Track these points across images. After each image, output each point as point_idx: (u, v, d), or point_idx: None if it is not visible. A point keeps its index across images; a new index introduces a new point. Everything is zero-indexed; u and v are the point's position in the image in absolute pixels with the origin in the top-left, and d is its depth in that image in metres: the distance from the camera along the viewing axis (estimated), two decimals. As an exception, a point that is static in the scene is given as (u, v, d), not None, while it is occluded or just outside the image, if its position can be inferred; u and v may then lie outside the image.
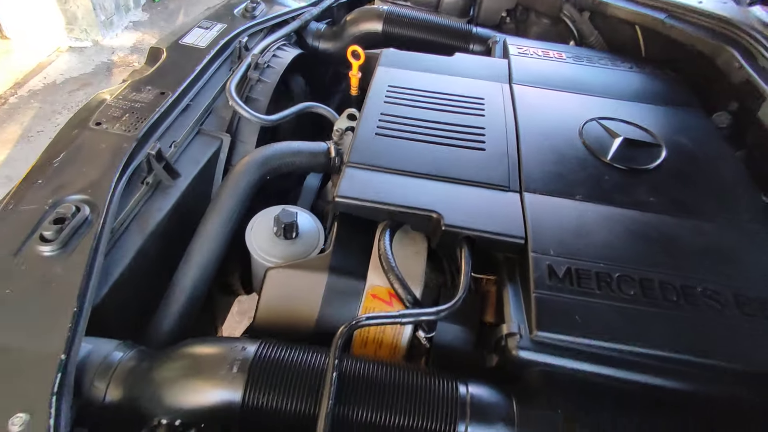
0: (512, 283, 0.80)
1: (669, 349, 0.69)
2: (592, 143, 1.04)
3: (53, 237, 0.78)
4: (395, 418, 0.65)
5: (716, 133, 1.12)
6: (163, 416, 0.68)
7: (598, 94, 1.21)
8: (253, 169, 1.04)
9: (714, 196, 0.94)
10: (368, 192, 0.88)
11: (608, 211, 0.89)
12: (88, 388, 0.70)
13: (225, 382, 0.66)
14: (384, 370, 0.69)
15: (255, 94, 1.25)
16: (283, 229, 0.92)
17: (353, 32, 1.62)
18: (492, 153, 1.00)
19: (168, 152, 1.02)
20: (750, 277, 0.79)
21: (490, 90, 1.19)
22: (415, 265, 0.86)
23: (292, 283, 0.83)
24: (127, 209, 0.91)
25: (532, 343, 0.70)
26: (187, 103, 1.12)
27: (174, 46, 1.23)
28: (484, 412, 0.66)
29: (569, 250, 0.80)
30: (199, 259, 0.95)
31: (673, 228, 0.86)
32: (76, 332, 0.70)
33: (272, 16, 1.46)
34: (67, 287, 0.74)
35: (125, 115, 1.00)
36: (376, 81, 1.18)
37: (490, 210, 0.87)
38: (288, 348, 0.70)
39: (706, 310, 0.74)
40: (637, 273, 0.78)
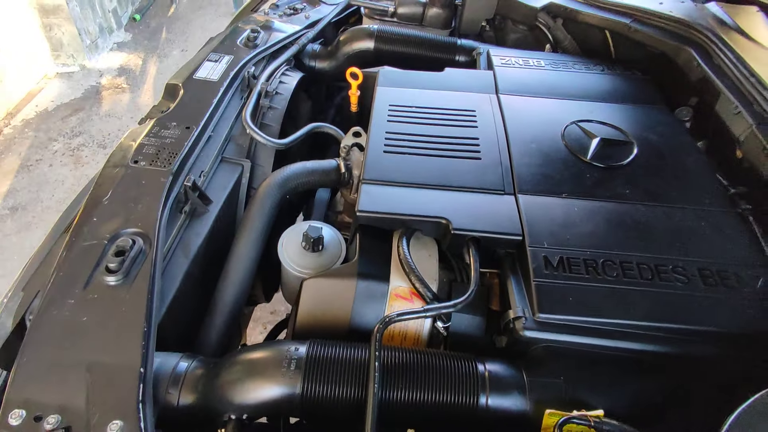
0: (514, 274, 0.94)
1: (648, 319, 0.83)
2: (573, 145, 1.18)
3: (117, 268, 0.89)
4: (428, 395, 0.79)
5: (680, 127, 1.27)
6: (232, 413, 0.81)
7: (575, 98, 1.36)
8: (275, 191, 1.17)
9: (680, 185, 1.09)
10: (384, 205, 1.01)
11: (591, 204, 1.03)
12: (163, 395, 0.83)
13: (285, 379, 0.79)
14: (414, 356, 0.82)
15: (268, 121, 1.37)
16: (312, 243, 1.05)
17: (347, 51, 1.74)
18: (487, 161, 1.13)
19: (199, 182, 1.13)
20: (710, 253, 0.93)
21: (479, 102, 1.32)
22: (429, 265, 0.99)
23: (326, 290, 0.96)
24: (172, 237, 1.03)
25: (535, 324, 0.84)
26: (209, 134, 1.23)
27: (189, 82, 1.34)
28: (501, 383, 0.80)
29: (560, 242, 0.94)
30: (236, 277, 1.07)
31: (646, 215, 1.01)
32: (148, 348, 0.82)
33: (273, 43, 1.57)
34: (135, 310, 0.86)
35: (158, 151, 1.12)
36: (378, 101, 1.31)
37: (491, 212, 1.01)
38: (333, 345, 0.83)
39: (676, 284, 0.88)
40: (617, 257, 0.92)
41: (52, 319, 0.84)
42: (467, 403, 0.79)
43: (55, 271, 0.90)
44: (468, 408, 0.79)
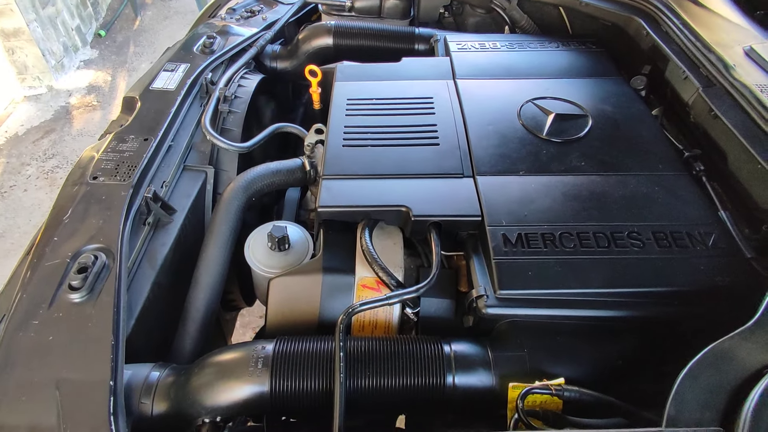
0: (476, 254, 0.95)
1: (606, 286, 0.85)
2: (530, 123, 1.20)
3: (80, 285, 0.89)
4: (396, 380, 0.80)
5: (634, 96, 1.29)
6: (205, 416, 0.82)
7: (531, 77, 1.37)
8: (239, 195, 1.17)
9: (634, 153, 1.11)
10: (345, 199, 1.02)
11: (547, 180, 1.05)
12: (136, 406, 0.83)
13: (253, 378, 0.80)
14: (380, 343, 0.84)
15: (228, 125, 1.37)
16: (277, 242, 1.05)
17: (307, 49, 1.74)
18: (445, 146, 1.15)
19: (161, 192, 1.13)
20: (664, 216, 0.96)
21: (437, 89, 1.33)
22: (394, 254, 1.00)
23: (293, 287, 0.96)
24: (136, 249, 1.03)
25: (497, 301, 0.86)
26: (169, 144, 1.23)
27: (146, 93, 1.33)
28: (466, 362, 0.82)
29: (518, 219, 0.96)
30: (206, 282, 1.08)
31: (601, 185, 1.03)
32: (117, 361, 0.82)
33: (230, 47, 1.57)
34: (102, 325, 0.86)
35: (117, 165, 1.11)
36: (336, 96, 1.31)
37: (450, 196, 1.02)
38: (300, 340, 0.84)
39: (632, 250, 0.90)
40: (574, 228, 0.94)
41: (18, 342, 0.84)
42: (435, 384, 0.80)
43: (19, 293, 0.90)
44: (436, 389, 0.80)
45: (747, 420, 0.59)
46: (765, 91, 1.09)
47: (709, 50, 1.19)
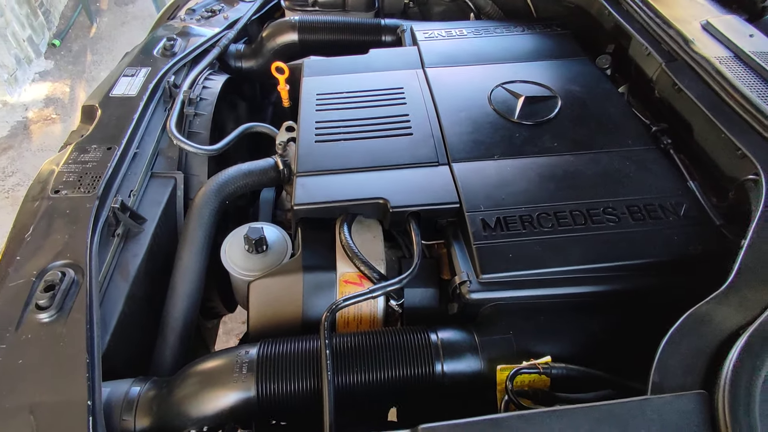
0: (456, 241, 0.95)
1: (585, 262, 0.87)
2: (501, 107, 1.20)
3: (48, 304, 0.85)
4: (385, 373, 0.79)
5: (600, 75, 1.31)
6: (191, 427, 0.79)
7: (499, 62, 1.37)
8: (211, 199, 1.14)
9: (604, 130, 1.13)
10: (321, 195, 1.00)
11: (522, 162, 1.05)
12: (117, 423, 0.80)
13: (239, 384, 0.78)
14: (366, 337, 0.83)
15: (195, 128, 1.33)
16: (254, 244, 1.03)
17: (272, 47, 1.70)
18: (419, 135, 1.14)
19: (129, 202, 1.09)
20: (637, 190, 0.98)
21: (406, 78, 1.32)
22: (374, 247, 0.99)
23: (273, 289, 0.94)
24: (107, 262, 0.99)
25: (480, 285, 0.86)
26: (134, 151, 1.18)
27: (106, 101, 1.28)
28: (454, 348, 0.82)
29: (496, 203, 0.96)
30: (183, 290, 1.05)
31: (575, 164, 1.04)
32: (94, 379, 0.79)
33: (191, 48, 1.52)
34: (75, 343, 0.82)
35: (80, 177, 1.06)
36: (305, 92, 1.29)
37: (427, 185, 1.02)
38: (284, 341, 0.82)
39: (608, 225, 0.92)
40: (551, 208, 0.95)
41: (-14, 368, 0.79)
42: (424, 373, 0.80)
43: (-18, 318, 0.85)
44: (425, 377, 0.80)
45: (727, 380, 0.60)
46: (724, 63, 1.12)
47: (668, 26, 1.22)
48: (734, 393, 0.59)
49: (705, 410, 0.60)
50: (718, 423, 0.58)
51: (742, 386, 0.59)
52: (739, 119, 0.99)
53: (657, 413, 0.60)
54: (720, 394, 0.60)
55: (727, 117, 1.00)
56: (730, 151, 0.97)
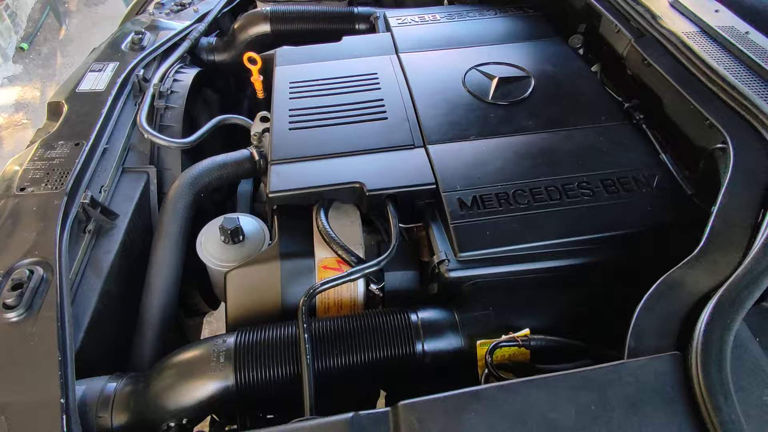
0: (434, 222, 0.95)
1: (561, 236, 0.87)
2: (475, 89, 1.20)
3: (16, 303, 0.82)
4: (366, 355, 0.79)
5: (573, 54, 1.32)
6: (170, 420, 0.78)
7: (473, 45, 1.37)
8: (186, 192, 1.12)
9: (578, 107, 1.13)
10: (296, 181, 0.99)
11: (497, 142, 1.05)
12: (93, 421, 0.78)
13: (216, 373, 0.76)
14: (345, 321, 0.82)
15: (167, 122, 1.30)
16: (230, 235, 1.01)
17: (244, 38, 1.68)
18: (394, 119, 1.13)
19: (100, 197, 1.06)
20: (610, 164, 0.99)
21: (380, 64, 1.31)
22: (352, 231, 0.99)
23: (251, 278, 0.93)
24: (78, 259, 0.96)
25: (458, 264, 0.86)
26: (104, 147, 1.15)
27: (73, 96, 1.24)
28: (434, 327, 0.82)
29: (472, 182, 0.96)
30: (159, 285, 1.03)
31: (549, 142, 1.04)
32: (67, 376, 0.77)
33: (161, 42, 1.49)
34: (46, 342, 0.80)
35: (47, 173, 1.03)
36: (278, 81, 1.27)
37: (403, 168, 1.01)
38: (262, 329, 0.81)
39: (583, 199, 0.92)
40: (527, 185, 0.95)
41: (-48, 372, 0.76)
42: (405, 353, 0.80)
43: (-53, 321, 0.82)
44: (406, 357, 0.80)
45: (699, 340, 0.61)
46: (691, 38, 1.14)
47: (637, 3, 1.23)
48: (706, 351, 0.59)
49: (679, 370, 0.61)
50: (692, 381, 0.59)
51: (713, 345, 0.60)
52: (707, 90, 1.00)
53: (633, 376, 0.61)
54: (693, 354, 0.60)
55: (694, 89, 1.02)
56: (699, 121, 0.98)
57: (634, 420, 0.58)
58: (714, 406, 0.55)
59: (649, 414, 0.58)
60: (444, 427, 0.60)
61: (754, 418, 0.57)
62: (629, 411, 0.58)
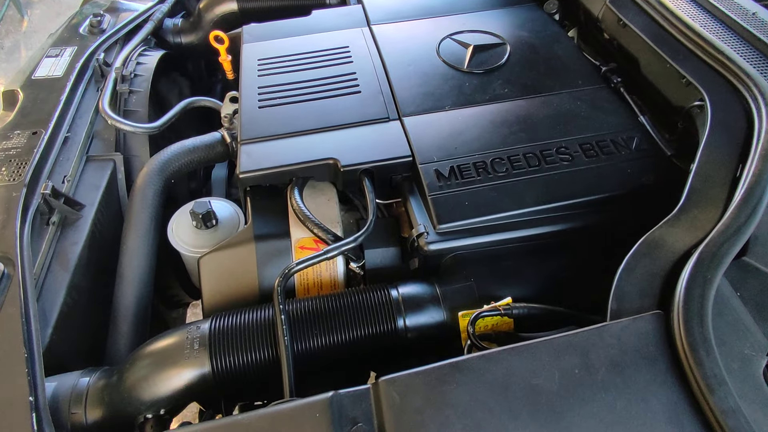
0: (412, 195, 0.92)
1: (540, 203, 0.85)
2: (449, 58, 1.16)
3: (-25, 300, 0.78)
4: (346, 334, 0.77)
5: (548, 19, 1.29)
6: (147, 412, 0.75)
7: (446, 14, 1.33)
8: (154, 178, 1.07)
9: (554, 73, 1.11)
10: (267, 161, 0.95)
11: (473, 111, 1.02)
12: (66, 417, 0.75)
13: (191, 360, 0.74)
14: (324, 301, 0.80)
15: (132, 106, 1.24)
16: (201, 219, 0.97)
17: (211, 18, 1.61)
18: (367, 93, 1.09)
19: (63, 187, 1.01)
20: (589, 128, 0.97)
21: (352, 37, 1.26)
22: (329, 210, 0.96)
23: (225, 262, 0.90)
24: (42, 252, 0.92)
25: (437, 236, 0.84)
26: (65, 135, 1.10)
27: (28, 83, 1.18)
28: (415, 302, 0.80)
29: (449, 153, 0.93)
30: (132, 275, 0.99)
31: (527, 108, 1.02)
32: (35, 374, 0.73)
33: (122, 24, 1.41)
34: (10, 339, 0.76)
35: (3, 165, 0.98)
36: (245, 58, 1.22)
37: (378, 142, 0.98)
38: (237, 312, 0.78)
39: (561, 164, 0.91)
40: (505, 153, 0.93)
41: None
42: (386, 329, 0.78)
43: None
44: (389, 334, 0.78)
45: (681, 297, 0.60)
46: (666, -4, 1.11)
47: (611, -37, 1.20)
48: (688, 308, 0.59)
49: (661, 329, 0.60)
50: (674, 339, 0.58)
51: (695, 301, 0.59)
52: (683, 48, 0.98)
53: (615, 338, 0.60)
54: (675, 311, 0.60)
55: (671, 47, 1.00)
56: (676, 80, 0.97)
57: (617, 381, 0.57)
58: (696, 362, 0.54)
59: (632, 374, 0.57)
60: (426, 400, 0.58)
61: (736, 371, 0.57)
62: (613, 372, 0.57)
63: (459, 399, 0.58)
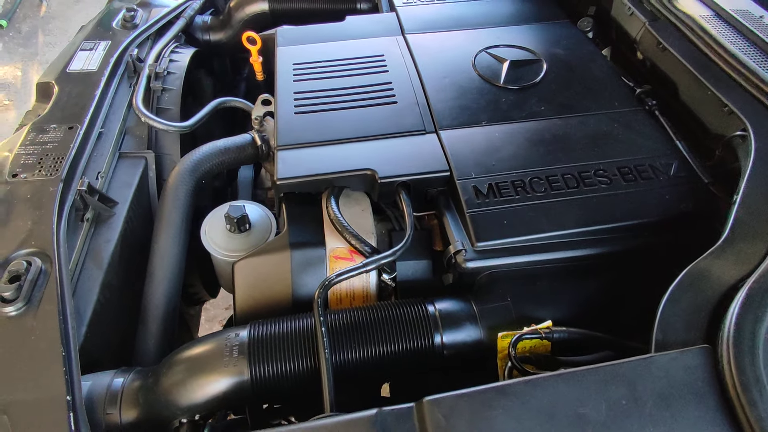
0: (448, 210, 0.92)
1: (579, 225, 0.85)
2: (485, 72, 1.16)
3: (14, 296, 0.78)
4: (383, 348, 0.77)
5: (583, 37, 1.29)
6: (182, 416, 0.75)
7: (481, 26, 1.33)
8: (187, 178, 1.07)
9: (590, 93, 1.11)
10: (304, 168, 0.95)
11: (510, 127, 1.02)
12: (101, 417, 0.75)
13: (230, 368, 0.74)
14: (362, 313, 0.80)
15: (164, 104, 1.24)
16: (236, 223, 0.97)
17: (241, 17, 1.61)
18: (404, 104, 1.09)
19: (97, 184, 1.01)
20: (626, 151, 0.97)
21: (387, 45, 1.26)
22: (364, 220, 0.96)
23: (260, 269, 0.90)
24: (77, 249, 0.92)
25: (475, 254, 0.84)
26: (99, 131, 1.10)
27: (63, 77, 1.18)
28: (453, 318, 0.80)
29: (487, 169, 0.93)
30: (162, 275, 0.99)
31: (563, 127, 1.02)
32: (71, 372, 0.73)
33: (154, 20, 1.42)
34: (48, 336, 0.76)
35: (41, 159, 0.98)
36: (280, 62, 1.22)
37: (415, 154, 0.98)
38: (276, 321, 0.78)
39: (600, 187, 0.91)
40: (543, 172, 0.93)
41: (-51, 370, 0.73)
42: (424, 345, 0.78)
43: (-60, 317, 0.78)
44: (425, 349, 0.78)
45: (730, 332, 0.60)
46: (707, 21, 1.11)
47: (651, -16, 1.20)
48: (738, 344, 0.58)
49: (710, 364, 0.60)
50: (724, 375, 0.58)
51: (745, 337, 0.59)
52: (725, 76, 0.98)
53: (663, 370, 0.60)
54: (724, 346, 0.59)
55: (713, 74, 1.00)
56: (717, 108, 0.96)
57: (666, 415, 0.57)
58: (749, 402, 0.54)
59: (681, 409, 0.57)
60: (471, 424, 0.58)
61: (785, 411, 0.57)
62: (661, 406, 0.57)
63: (504, 424, 0.58)
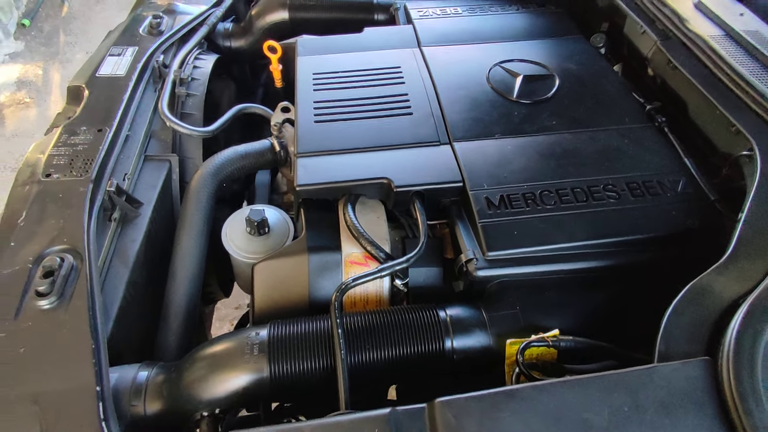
0: (461, 220, 0.96)
1: (588, 238, 0.88)
2: (499, 86, 1.20)
3: (48, 290, 0.83)
4: (396, 350, 0.80)
5: (595, 53, 1.32)
6: (203, 410, 0.79)
7: (495, 40, 1.37)
8: (208, 181, 1.12)
9: (601, 108, 1.14)
10: (323, 175, 0.99)
11: (522, 141, 1.06)
12: (127, 408, 0.79)
13: (250, 365, 0.78)
14: (376, 316, 0.83)
15: (188, 109, 1.29)
16: (256, 226, 1.02)
17: (261, 25, 1.66)
18: (419, 115, 1.13)
19: (124, 185, 1.06)
20: (635, 167, 0.99)
21: (404, 57, 1.30)
22: (378, 227, 0.99)
23: (278, 271, 0.94)
24: (105, 248, 0.97)
25: (486, 263, 0.87)
26: (126, 133, 1.15)
27: (93, 81, 1.23)
28: (462, 325, 0.83)
29: (499, 181, 0.97)
30: (183, 275, 1.03)
31: (574, 142, 1.05)
32: (101, 365, 0.77)
33: (179, 27, 1.47)
34: (78, 330, 0.80)
35: (72, 160, 1.03)
36: (300, 71, 1.26)
37: (430, 164, 1.02)
38: (295, 322, 0.82)
39: (609, 201, 0.94)
40: (553, 186, 0.96)
41: (-14, 358, 0.77)
42: (434, 349, 0.81)
43: (-22, 307, 0.82)
44: (436, 354, 0.81)
45: (731, 346, 0.63)
46: (717, 41, 1.14)
47: (663, 4, 1.23)
48: (738, 358, 0.61)
49: (710, 375, 0.62)
50: (723, 386, 0.60)
51: (745, 351, 0.62)
52: (734, 96, 1.01)
53: (665, 380, 0.63)
54: (724, 359, 0.62)
55: (721, 94, 1.02)
56: (725, 127, 0.99)
57: (666, 422, 0.60)
58: (746, 411, 0.57)
59: (680, 417, 0.60)
60: (480, 424, 0.62)
61: (782, 423, 0.59)
62: (661, 413, 0.60)
63: (512, 427, 0.61)
